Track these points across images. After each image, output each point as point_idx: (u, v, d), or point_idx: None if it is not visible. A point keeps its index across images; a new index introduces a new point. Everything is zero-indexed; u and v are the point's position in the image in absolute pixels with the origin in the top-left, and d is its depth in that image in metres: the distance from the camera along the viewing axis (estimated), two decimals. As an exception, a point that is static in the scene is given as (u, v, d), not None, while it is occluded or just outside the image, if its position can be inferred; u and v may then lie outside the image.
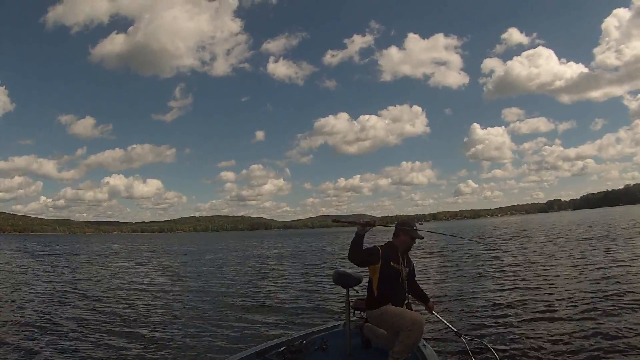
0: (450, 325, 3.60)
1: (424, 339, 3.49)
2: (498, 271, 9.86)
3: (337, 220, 3.64)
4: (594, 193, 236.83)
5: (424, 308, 3.58)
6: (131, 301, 8.04)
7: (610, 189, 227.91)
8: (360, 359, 3.15)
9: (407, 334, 2.86)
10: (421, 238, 3.27)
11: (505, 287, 7.67)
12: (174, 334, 5.46)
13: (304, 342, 3.34)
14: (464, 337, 3.49)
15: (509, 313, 5.74)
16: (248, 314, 6.53)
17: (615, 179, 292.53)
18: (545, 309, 5.85)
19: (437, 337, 4.56)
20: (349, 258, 3.05)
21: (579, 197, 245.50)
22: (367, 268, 3.20)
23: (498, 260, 12.14)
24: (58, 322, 6.39)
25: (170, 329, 5.77)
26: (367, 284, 3.29)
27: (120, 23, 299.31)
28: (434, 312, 3.55)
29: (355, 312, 3.49)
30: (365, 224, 2.95)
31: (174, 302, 7.74)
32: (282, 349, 3.21)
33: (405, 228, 3.25)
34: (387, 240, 3.33)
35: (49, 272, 14.59)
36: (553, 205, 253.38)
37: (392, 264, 3.16)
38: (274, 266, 15.02)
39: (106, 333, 5.63)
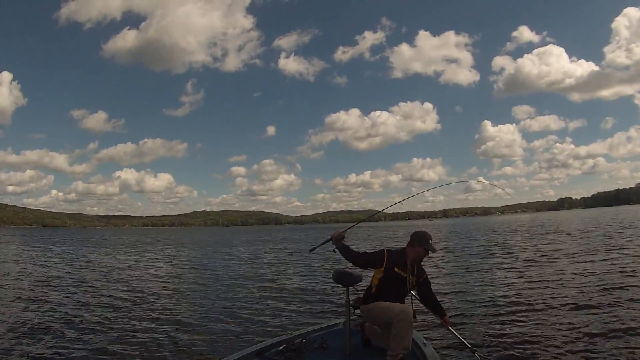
0: (465, 341, 3.44)
1: (425, 337, 3.47)
2: (521, 275, 8.95)
3: (313, 249, 3.61)
4: (604, 191, 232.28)
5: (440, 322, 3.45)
6: (133, 296, 8.09)
7: (620, 188, 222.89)
8: (360, 358, 3.14)
9: (397, 325, 2.85)
10: (435, 251, 3.27)
11: (530, 297, 6.76)
12: (172, 331, 5.42)
13: (304, 340, 3.34)
14: (477, 354, 3.37)
15: (532, 329, 5.05)
16: (247, 312, 6.50)
17: (626, 178, 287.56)
18: (573, 329, 4.96)
19: (450, 352, 4.29)
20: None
21: (589, 196, 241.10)
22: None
23: (518, 262, 11.41)
24: (62, 311, 6.66)
25: (169, 325, 5.73)
26: (367, 283, 3.30)
27: (132, 19, 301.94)
28: (449, 327, 3.39)
29: (355, 310, 3.45)
30: (337, 237, 3.24)
31: (173, 299, 7.76)
32: (282, 347, 3.21)
33: (419, 232, 3.27)
34: (402, 247, 3.30)
35: (55, 263, 14.82)
36: (564, 203, 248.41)
37: (396, 269, 3.13)
38: (276, 262, 14.98)
39: (105, 328, 5.65)
